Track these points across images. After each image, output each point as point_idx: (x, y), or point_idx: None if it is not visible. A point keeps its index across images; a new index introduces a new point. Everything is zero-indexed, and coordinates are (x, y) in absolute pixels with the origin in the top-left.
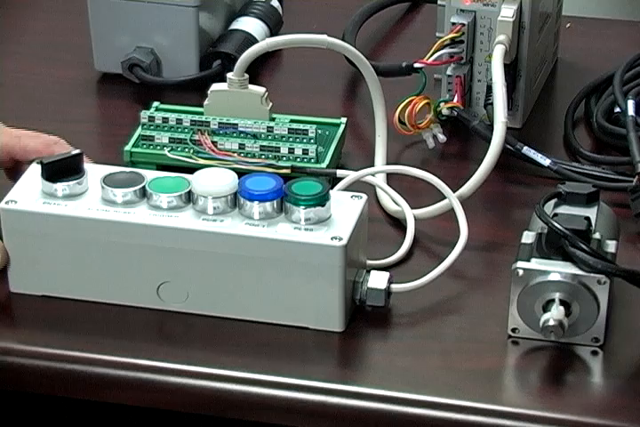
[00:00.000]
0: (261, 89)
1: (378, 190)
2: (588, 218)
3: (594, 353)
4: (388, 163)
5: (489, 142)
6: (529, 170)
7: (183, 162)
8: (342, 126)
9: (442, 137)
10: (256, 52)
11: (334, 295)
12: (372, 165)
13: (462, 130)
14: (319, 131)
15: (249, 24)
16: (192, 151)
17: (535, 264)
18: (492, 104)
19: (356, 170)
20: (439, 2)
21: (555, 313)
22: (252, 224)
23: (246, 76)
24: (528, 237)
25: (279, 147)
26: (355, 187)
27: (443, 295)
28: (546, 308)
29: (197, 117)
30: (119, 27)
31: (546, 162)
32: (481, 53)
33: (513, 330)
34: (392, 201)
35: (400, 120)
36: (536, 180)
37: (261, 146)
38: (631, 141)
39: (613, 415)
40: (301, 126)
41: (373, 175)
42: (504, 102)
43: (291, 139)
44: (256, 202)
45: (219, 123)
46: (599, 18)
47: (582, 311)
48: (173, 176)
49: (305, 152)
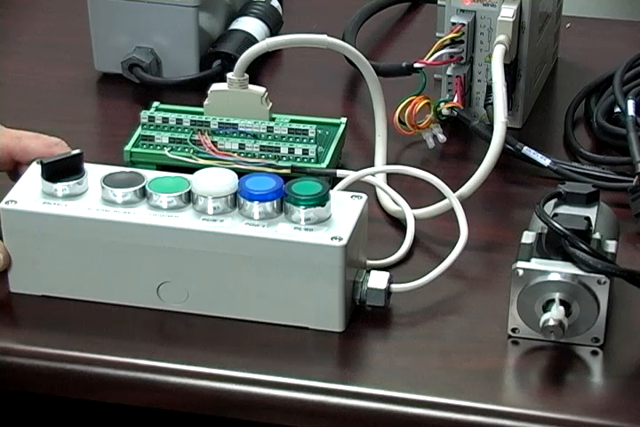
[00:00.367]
0: (261, 89)
1: (378, 190)
2: (588, 218)
3: (594, 353)
4: (388, 163)
5: (489, 142)
6: (529, 170)
7: (183, 162)
8: (342, 126)
9: (442, 137)
10: (256, 52)
11: (334, 295)
12: (372, 165)
13: (462, 130)
14: (319, 131)
15: (249, 24)
16: (192, 151)
17: (535, 264)
18: (492, 104)
19: (356, 170)
20: (439, 2)
21: (555, 313)
22: (252, 224)
23: (246, 76)
24: (528, 237)
25: (279, 147)
26: (355, 187)
27: (443, 295)
28: (546, 308)
29: (197, 117)
30: (119, 27)
31: (546, 162)
32: (481, 53)
33: (513, 330)
34: (392, 201)
35: (400, 120)
36: (536, 180)
37: (261, 146)
38: (631, 141)
39: (613, 415)
40: (301, 126)
41: (373, 175)
42: (504, 102)
43: (291, 139)
44: (256, 202)
45: (219, 123)
46: (599, 18)
47: (582, 311)
48: (173, 176)
49: (305, 152)
